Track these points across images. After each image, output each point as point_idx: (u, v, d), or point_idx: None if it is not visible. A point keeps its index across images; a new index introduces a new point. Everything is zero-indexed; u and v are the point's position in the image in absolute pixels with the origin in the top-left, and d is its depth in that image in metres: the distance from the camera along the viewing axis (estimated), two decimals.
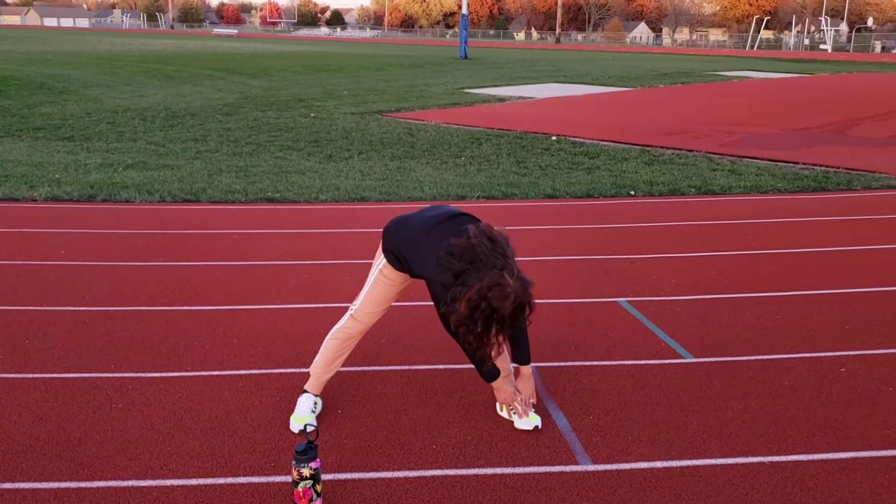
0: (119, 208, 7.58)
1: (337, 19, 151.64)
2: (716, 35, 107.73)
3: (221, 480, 3.08)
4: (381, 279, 3.39)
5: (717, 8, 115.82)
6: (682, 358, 4.28)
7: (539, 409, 3.61)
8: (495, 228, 2.94)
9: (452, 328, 2.89)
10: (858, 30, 78.95)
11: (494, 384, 3.42)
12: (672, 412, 3.68)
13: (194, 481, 3.07)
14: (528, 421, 3.47)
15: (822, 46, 71.33)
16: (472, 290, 2.76)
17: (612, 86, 24.40)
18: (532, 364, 4.11)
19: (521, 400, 3.46)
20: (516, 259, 2.95)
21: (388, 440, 3.40)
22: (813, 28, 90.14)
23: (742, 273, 5.80)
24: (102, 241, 6.38)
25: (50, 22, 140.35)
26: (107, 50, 41.23)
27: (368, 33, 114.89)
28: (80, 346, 4.29)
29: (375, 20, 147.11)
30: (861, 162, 10.69)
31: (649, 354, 4.32)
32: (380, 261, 3.41)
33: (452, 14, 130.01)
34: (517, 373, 3.50)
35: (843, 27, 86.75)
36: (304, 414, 3.49)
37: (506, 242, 2.90)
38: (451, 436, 3.44)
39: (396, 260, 3.30)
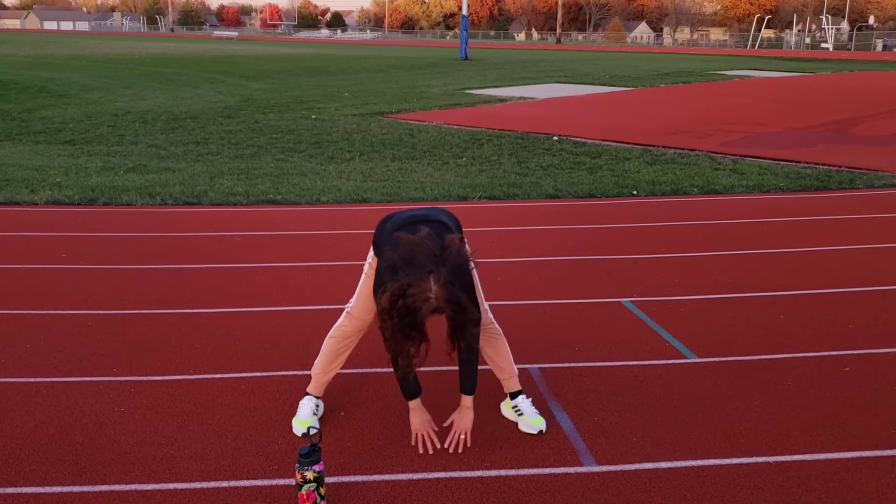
0: (120, 211, 7.57)
1: (337, 21, 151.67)
2: (717, 34, 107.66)
3: (224, 484, 3.07)
4: (371, 273, 3.38)
5: (718, 7, 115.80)
6: (686, 358, 4.27)
7: (543, 410, 3.60)
8: (464, 246, 2.92)
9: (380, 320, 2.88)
10: (860, 28, 78.85)
11: (410, 404, 3.34)
12: (676, 412, 3.66)
13: (197, 485, 3.06)
14: (533, 424, 3.46)
15: (823, 45, 71.27)
16: (396, 284, 2.76)
17: (614, 86, 24.39)
18: (536, 365, 4.11)
19: (457, 434, 3.32)
20: (477, 280, 3.06)
21: (392, 442, 3.39)
22: (814, 27, 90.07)
23: (745, 273, 5.78)
24: (104, 245, 6.37)
25: (50, 25, 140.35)
26: (107, 53, 41.27)
27: (369, 35, 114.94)
28: (81, 350, 4.28)
29: (376, 22, 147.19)
30: (863, 161, 10.67)
31: (653, 355, 4.31)
32: (370, 255, 3.41)
33: (453, 15, 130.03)
34: (460, 401, 3.39)
35: (845, 25, 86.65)
36: (305, 417, 3.48)
37: (457, 254, 2.83)
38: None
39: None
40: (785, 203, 8.22)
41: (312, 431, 3.36)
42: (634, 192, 8.56)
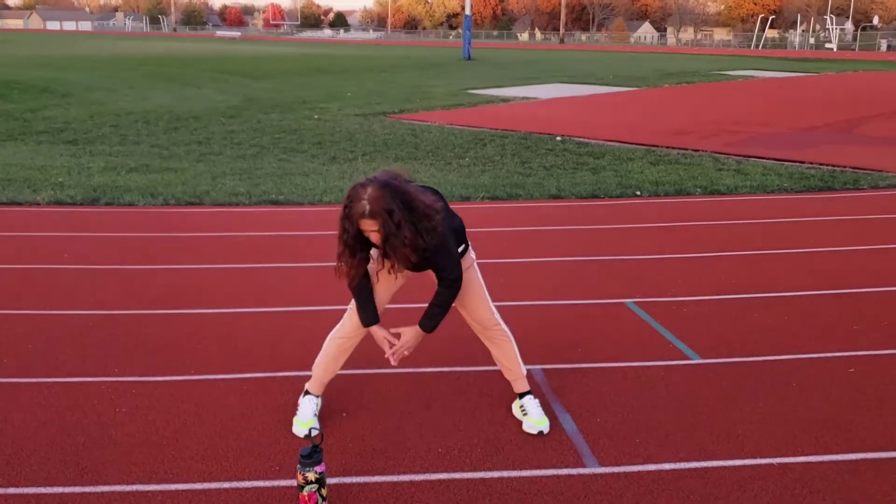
0: (122, 212, 7.57)
1: (340, 21, 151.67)
2: (720, 34, 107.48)
3: (226, 485, 3.06)
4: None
5: (722, 7, 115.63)
6: (690, 359, 4.25)
7: (546, 411, 3.58)
8: (438, 205, 3.05)
9: None
10: (864, 28, 78.70)
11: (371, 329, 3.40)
12: (679, 414, 3.65)
13: (199, 485, 3.05)
14: (534, 424, 3.45)
15: (827, 45, 71.13)
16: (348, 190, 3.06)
17: (617, 86, 24.37)
18: (539, 366, 4.10)
19: (399, 347, 3.35)
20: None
21: (394, 443, 3.38)
22: (818, 27, 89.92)
23: (749, 273, 5.76)
24: (106, 245, 6.37)
25: (52, 25, 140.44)
26: (109, 53, 41.33)
27: (372, 35, 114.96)
28: (83, 350, 4.28)
29: (378, 22, 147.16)
30: (868, 161, 10.64)
31: (656, 355, 4.30)
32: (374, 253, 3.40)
33: (455, 15, 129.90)
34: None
35: (849, 26, 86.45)
36: (307, 418, 3.47)
37: (416, 193, 3.00)
38: (457, 439, 3.42)
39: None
40: (789, 204, 8.20)
41: (314, 433, 3.35)
42: (638, 193, 8.55)
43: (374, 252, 3.33)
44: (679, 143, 12.23)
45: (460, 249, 3.33)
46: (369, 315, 3.36)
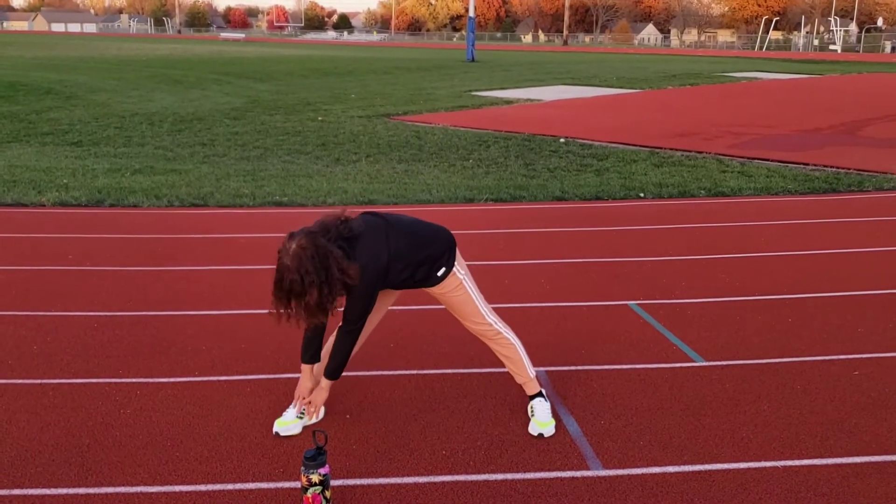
0: (127, 213, 7.58)
1: (344, 23, 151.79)
2: (724, 36, 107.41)
3: (230, 486, 3.07)
4: None
5: (726, 9, 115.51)
6: (694, 361, 4.25)
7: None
8: (344, 265, 3.05)
9: None
10: (868, 30, 78.57)
11: (302, 366, 3.46)
12: (683, 416, 3.64)
13: (203, 487, 3.06)
14: (536, 426, 3.46)
15: (831, 47, 71.01)
16: None
17: (621, 88, 24.35)
18: (543, 368, 4.09)
19: (308, 402, 3.42)
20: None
21: (398, 445, 3.38)
22: (822, 28, 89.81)
23: (753, 275, 5.76)
24: (110, 246, 6.38)
25: (57, 27, 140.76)
26: (114, 55, 41.40)
27: (375, 37, 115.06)
28: (88, 352, 4.28)
29: (382, 24, 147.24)
30: (872, 163, 10.63)
31: (660, 358, 4.29)
32: None
33: (459, 17, 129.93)
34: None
35: (853, 27, 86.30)
36: (287, 416, 3.49)
37: (338, 255, 3.04)
38: (460, 441, 3.41)
39: None
40: (793, 205, 8.19)
41: (317, 434, 3.35)
42: (641, 195, 8.54)
43: None
44: (683, 144, 12.23)
45: (440, 273, 3.33)
46: (307, 353, 3.44)
